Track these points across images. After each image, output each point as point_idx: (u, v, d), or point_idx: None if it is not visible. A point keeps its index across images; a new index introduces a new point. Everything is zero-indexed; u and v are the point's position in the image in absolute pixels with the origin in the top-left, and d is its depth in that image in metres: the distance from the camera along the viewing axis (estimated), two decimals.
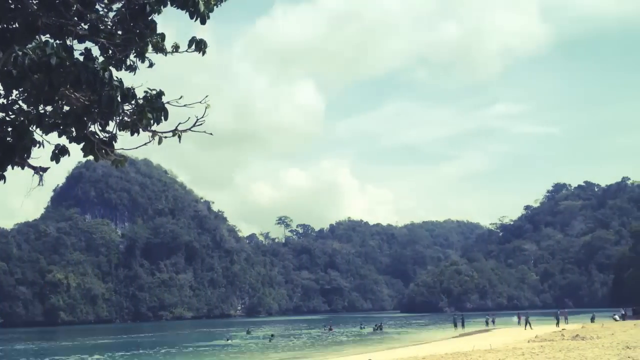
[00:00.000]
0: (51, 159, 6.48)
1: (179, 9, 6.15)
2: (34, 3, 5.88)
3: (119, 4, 6.21)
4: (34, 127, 6.21)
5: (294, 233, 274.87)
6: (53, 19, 5.92)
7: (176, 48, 6.62)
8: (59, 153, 6.44)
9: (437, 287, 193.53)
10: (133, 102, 6.23)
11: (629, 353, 23.99)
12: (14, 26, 5.90)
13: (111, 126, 6.34)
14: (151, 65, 6.65)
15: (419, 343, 49.96)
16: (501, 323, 79.14)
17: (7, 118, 6.23)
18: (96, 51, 6.21)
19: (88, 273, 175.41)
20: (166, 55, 6.63)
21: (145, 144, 6.65)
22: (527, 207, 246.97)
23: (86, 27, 6.22)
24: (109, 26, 6.32)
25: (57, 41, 5.87)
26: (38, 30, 5.89)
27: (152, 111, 6.28)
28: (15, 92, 6.14)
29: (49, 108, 6.21)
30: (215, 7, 6.38)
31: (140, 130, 6.40)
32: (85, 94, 5.95)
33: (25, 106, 6.21)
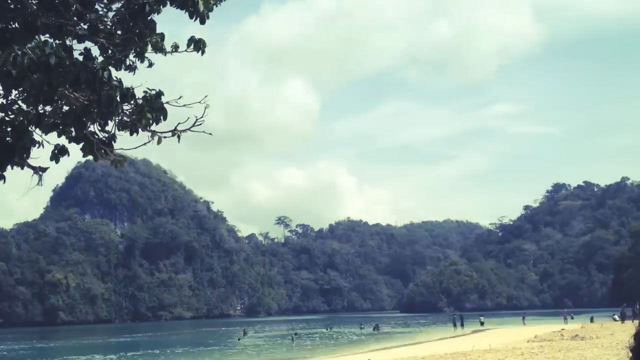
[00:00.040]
0: (50, 159, 6.48)
1: (178, 9, 6.14)
2: (34, 3, 5.88)
3: (119, 4, 6.21)
4: (34, 127, 6.20)
5: (294, 233, 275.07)
6: (52, 19, 5.92)
7: (175, 48, 6.62)
8: (59, 153, 6.44)
9: (437, 287, 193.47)
10: (132, 102, 6.22)
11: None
12: (14, 26, 5.89)
13: (110, 126, 6.34)
14: (150, 65, 6.65)
15: (419, 343, 49.98)
16: (498, 323, 79.02)
17: (7, 118, 6.23)
18: (95, 51, 6.21)
19: (87, 273, 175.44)
20: (165, 55, 6.63)
21: (144, 144, 6.64)
22: (527, 207, 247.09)
23: (85, 27, 6.21)
24: (109, 26, 6.32)
25: (57, 41, 5.87)
26: (37, 30, 5.88)
27: (152, 111, 6.28)
28: (14, 92, 6.14)
29: (49, 108, 6.20)
30: (214, 7, 6.38)
31: (139, 130, 6.39)
32: (84, 94, 5.94)
33: (24, 106, 6.21)
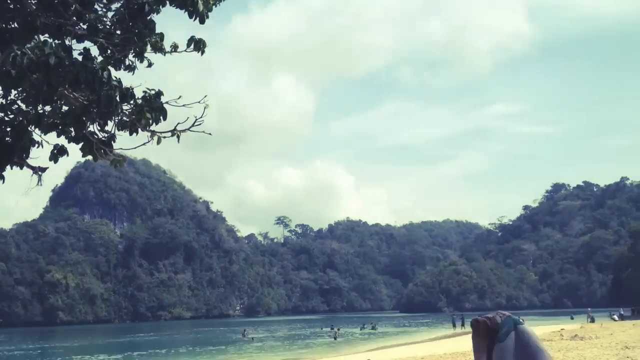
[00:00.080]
0: (50, 159, 6.48)
1: (178, 9, 6.15)
2: (33, 3, 5.88)
3: (118, 4, 6.21)
4: (33, 127, 6.20)
5: (293, 233, 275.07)
6: (52, 19, 5.92)
7: (175, 48, 6.62)
8: (58, 153, 6.44)
9: (436, 287, 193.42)
10: (132, 102, 6.23)
11: (628, 353, 23.98)
12: (13, 26, 5.90)
13: (110, 126, 6.34)
14: (150, 65, 6.66)
15: (418, 343, 49.98)
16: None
17: (6, 118, 6.23)
18: (95, 51, 6.21)
19: (87, 273, 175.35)
20: (165, 55, 6.64)
21: (144, 144, 6.65)
22: (526, 207, 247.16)
23: (85, 27, 6.22)
24: (108, 26, 6.32)
25: (56, 41, 5.87)
26: (37, 30, 5.89)
27: (151, 111, 6.28)
28: (14, 92, 6.14)
29: (48, 108, 6.20)
30: (214, 7, 6.38)
31: (139, 130, 6.40)
32: (84, 94, 5.94)
33: (24, 106, 6.21)
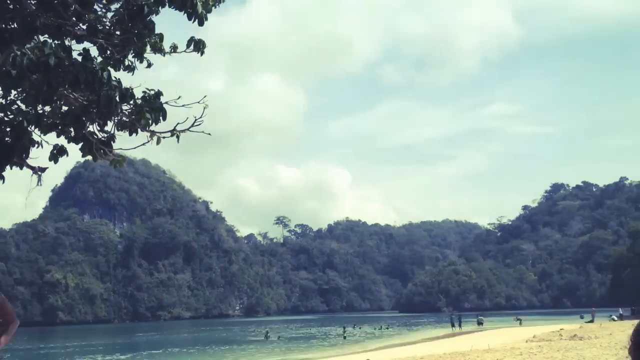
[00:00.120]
0: (49, 159, 6.49)
1: (177, 10, 6.16)
2: (33, 3, 5.89)
3: (117, 5, 6.23)
4: (33, 127, 6.22)
5: (292, 233, 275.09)
6: (51, 19, 5.93)
7: (174, 48, 6.64)
8: (58, 153, 6.45)
9: (435, 287, 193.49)
10: (131, 102, 6.25)
11: (627, 353, 23.98)
12: (13, 26, 5.91)
13: (110, 126, 6.35)
14: (149, 65, 6.67)
15: (417, 342, 50.00)
16: (496, 323, 79.15)
17: (6, 118, 6.24)
18: (95, 51, 6.23)
19: (86, 273, 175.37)
20: (164, 55, 6.65)
21: (143, 144, 6.66)
22: (525, 207, 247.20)
23: (84, 28, 6.23)
24: (108, 26, 6.34)
25: (56, 41, 5.88)
26: (36, 30, 5.90)
27: (151, 111, 6.30)
28: (13, 92, 6.15)
29: (48, 108, 6.22)
30: (213, 8, 6.40)
31: (138, 130, 6.41)
32: (83, 94, 5.96)
33: (23, 106, 6.22)
